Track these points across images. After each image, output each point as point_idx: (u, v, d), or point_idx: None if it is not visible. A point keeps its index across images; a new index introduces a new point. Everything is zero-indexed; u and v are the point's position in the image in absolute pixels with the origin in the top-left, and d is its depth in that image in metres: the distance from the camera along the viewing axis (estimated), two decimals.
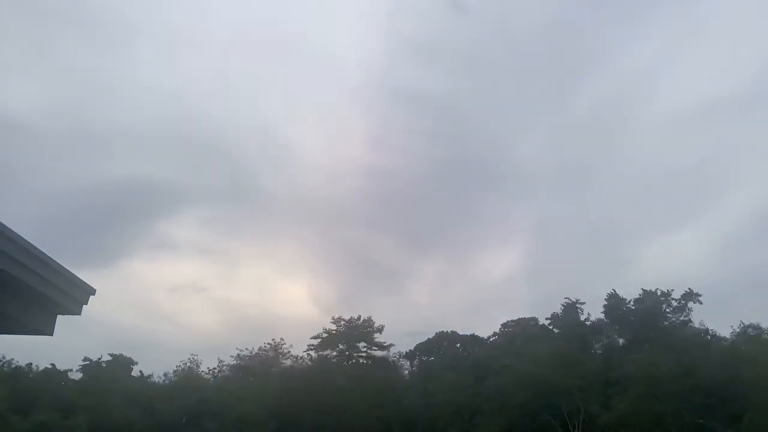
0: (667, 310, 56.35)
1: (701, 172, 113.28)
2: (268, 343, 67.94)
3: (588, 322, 58.88)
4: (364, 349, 69.19)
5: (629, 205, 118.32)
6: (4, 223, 4.55)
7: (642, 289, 56.95)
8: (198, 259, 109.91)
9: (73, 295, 5.53)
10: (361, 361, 67.81)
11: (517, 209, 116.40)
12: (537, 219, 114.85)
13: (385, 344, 69.35)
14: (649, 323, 54.50)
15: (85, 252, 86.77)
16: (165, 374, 65.14)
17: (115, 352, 64.60)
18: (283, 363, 66.56)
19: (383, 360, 69.09)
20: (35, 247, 4.90)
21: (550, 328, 63.03)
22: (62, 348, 56.25)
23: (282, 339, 68.36)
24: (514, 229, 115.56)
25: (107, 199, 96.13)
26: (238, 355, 66.40)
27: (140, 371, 66.65)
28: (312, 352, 67.76)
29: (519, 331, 67.21)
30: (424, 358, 73.52)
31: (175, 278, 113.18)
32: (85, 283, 5.61)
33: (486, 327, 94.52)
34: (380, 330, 69.07)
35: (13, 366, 60.55)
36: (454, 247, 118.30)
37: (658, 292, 56.22)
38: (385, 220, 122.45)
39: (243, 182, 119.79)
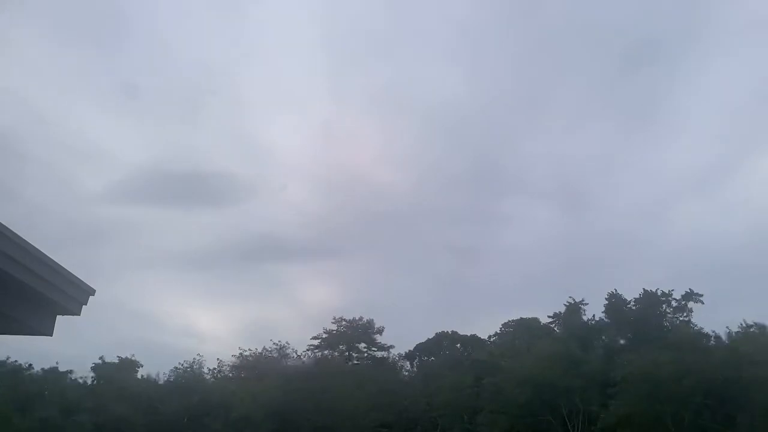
0: (668, 310, 56.35)
1: None
2: (271, 343, 67.95)
3: (592, 322, 58.78)
4: (365, 350, 69.31)
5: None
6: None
7: (643, 288, 56.98)
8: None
9: (72, 295, 5.56)
10: (357, 362, 67.85)
11: (526, 204, 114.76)
12: (544, 214, 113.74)
13: (386, 345, 69.52)
14: (650, 323, 54.42)
15: None
16: (168, 372, 64.80)
17: (121, 355, 64.42)
18: (284, 363, 66.43)
19: (384, 360, 69.14)
20: (35, 248, 4.93)
21: (552, 327, 63.03)
22: (63, 349, 56.39)
23: (280, 341, 68.37)
24: (515, 225, 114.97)
25: None
26: (240, 354, 66.36)
27: (145, 373, 66.58)
28: (311, 353, 67.90)
29: (519, 331, 67.24)
30: (425, 359, 73.51)
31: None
32: (85, 283, 5.64)
33: (486, 327, 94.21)
34: (380, 331, 69.24)
35: (17, 365, 60.47)
36: (455, 246, 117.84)
37: (659, 292, 56.26)
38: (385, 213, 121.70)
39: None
